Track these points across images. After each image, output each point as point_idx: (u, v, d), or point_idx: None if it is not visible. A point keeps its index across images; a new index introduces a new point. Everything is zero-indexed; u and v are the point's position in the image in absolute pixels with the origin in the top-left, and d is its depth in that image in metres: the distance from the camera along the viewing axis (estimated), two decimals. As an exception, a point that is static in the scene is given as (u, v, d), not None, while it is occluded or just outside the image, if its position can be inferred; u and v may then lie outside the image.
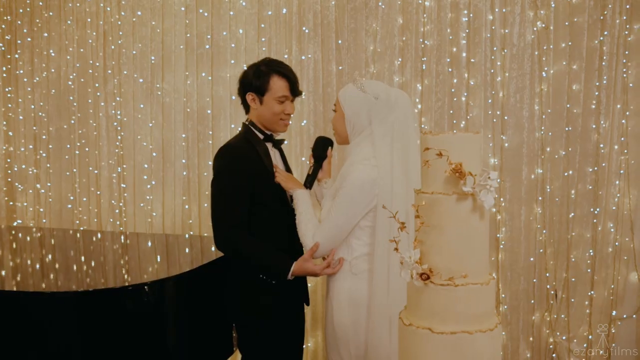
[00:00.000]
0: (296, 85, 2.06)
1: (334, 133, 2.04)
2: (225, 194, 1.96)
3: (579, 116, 3.32)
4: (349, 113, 1.92)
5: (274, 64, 2.07)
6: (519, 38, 3.34)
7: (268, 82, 2.02)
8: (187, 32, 3.65)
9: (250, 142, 2.04)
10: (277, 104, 2.02)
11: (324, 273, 1.95)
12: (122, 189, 3.86)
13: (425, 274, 1.32)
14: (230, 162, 1.97)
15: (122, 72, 3.80)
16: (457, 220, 1.33)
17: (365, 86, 1.92)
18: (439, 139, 1.35)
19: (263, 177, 2.01)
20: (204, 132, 3.67)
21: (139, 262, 2.77)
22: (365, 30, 3.43)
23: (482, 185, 1.29)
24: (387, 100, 1.89)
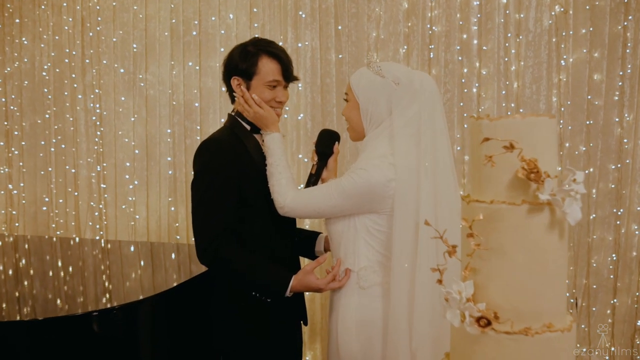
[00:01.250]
0: (290, 68, 1.77)
1: (348, 127, 1.75)
2: (209, 196, 1.66)
3: (601, 109, 3.13)
4: (364, 102, 1.64)
5: (264, 43, 1.78)
6: (536, 23, 3.12)
7: (256, 64, 1.72)
8: (172, 18, 3.43)
9: (236, 135, 1.76)
10: (267, 90, 1.74)
11: (329, 288, 1.65)
12: (102, 190, 3.64)
13: (484, 318, 0.95)
14: (214, 159, 1.68)
15: (102, 61, 3.58)
16: (528, 240, 0.96)
17: (384, 69, 1.62)
18: (503, 125, 0.98)
19: (253, 176, 1.72)
20: (192, 127, 3.45)
21: (118, 275, 2.47)
22: (368, 16, 3.21)
23: (566, 192, 0.93)
24: (409, 85, 1.61)
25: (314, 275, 1.66)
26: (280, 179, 1.67)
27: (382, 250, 1.63)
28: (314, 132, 3.27)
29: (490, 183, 1.00)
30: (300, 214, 1.68)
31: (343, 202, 1.60)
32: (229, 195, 1.66)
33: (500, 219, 0.97)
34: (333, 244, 1.72)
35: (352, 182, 1.58)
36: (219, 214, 1.64)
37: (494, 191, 1.00)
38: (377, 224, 1.62)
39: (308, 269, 1.66)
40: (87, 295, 2.16)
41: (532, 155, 0.95)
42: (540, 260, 0.97)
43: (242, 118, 1.79)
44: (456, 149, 3.18)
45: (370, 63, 1.66)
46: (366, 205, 1.60)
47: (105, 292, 2.18)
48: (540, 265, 0.97)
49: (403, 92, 1.61)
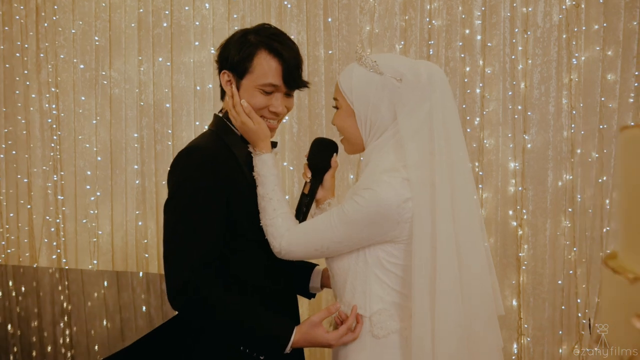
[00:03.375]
0: (295, 71, 1.41)
1: (342, 138, 1.44)
2: (187, 222, 1.31)
3: (615, 112, 2.98)
4: (360, 107, 1.34)
5: (269, 33, 1.42)
6: (545, 18, 2.95)
7: (251, 60, 1.38)
8: (140, 7, 3.18)
9: (224, 142, 1.43)
10: (259, 95, 1.39)
11: (342, 343, 1.31)
12: (60, 202, 3.34)
13: None
14: (195, 174, 1.33)
15: (59, 56, 3.30)
16: None
17: (380, 63, 1.32)
18: None
19: (245, 197, 1.39)
20: (162, 131, 3.19)
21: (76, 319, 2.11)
22: (360, 7, 2.99)
23: None
24: (416, 80, 1.31)
25: (322, 327, 1.34)
26: (275, 217, 1.36)
27: (400, 289, 1.33)
28: (301, 137, 2.99)
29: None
30: (300, 254, 1.37)
31: (350, 234, 1.29)
32: (214, 221, 1.32)
33: None
34: (337, 283, 1.41)
35: (357, 208, 1.28)
36: (200, 245, 1.30)
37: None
38: (392, 256, 1.32)
39: (315, 320, 1.34)
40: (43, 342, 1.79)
41: None
42: None
43: (231, 120, 1.46)
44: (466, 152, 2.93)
45: (362, 57, 1.33)
46: (378, 234, 1.30)
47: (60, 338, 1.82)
48: None
49: (408, 90, 1.30)
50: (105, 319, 2.06)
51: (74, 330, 1.95)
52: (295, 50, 1.43)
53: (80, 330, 1.99)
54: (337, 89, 1.37)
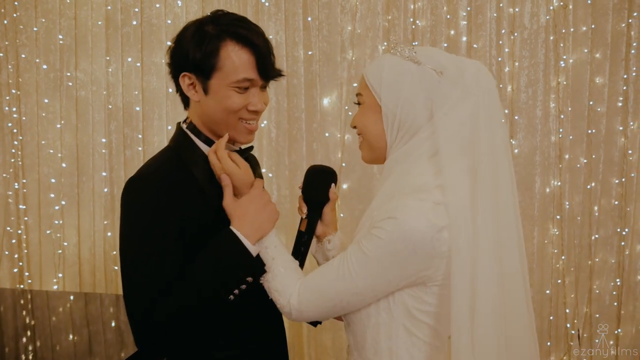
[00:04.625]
0: (268, 59, 1.23)
1: (361, 143, 1.23)
2: (144, 254, 1.15)
3: (603, 116, 2.99)
4: (390, 103, 1.13)
5: (229, 20, 1.23)
6: (532, 19, 2.93)
7: (217, 54, 1.19)
8: (107, 4, 3.02)
9: (182, 162, 1.25)
10: (234, 94, 1.21)
11: None
12: (22, 212, 3.15)
13: None
14: (147, 208, 1.17)
15: (20, 55, 3.11)
16: None
17: (419, 54, 1.13)
18: None
19: (207, 224, 1.22)
20: (132, 136, 3.04)
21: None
22: (342, 6, 2.89)
23: None
24: (459, 76, 1.12)
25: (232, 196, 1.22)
26: (275, 266, 1.16)
27: (433, 341, 1.13)
28: (279, 142, 2.87)
29: None
30: (314, 315, 1.15)
31: (373, 281, 1.08)
32: (170, 257, 1.15)
33: None
34: (354, 336, 1.20)
35: (379, 244, 1.05)
36: (158, 279, 1.13)
37: None
38: (423, 303, 1.11)
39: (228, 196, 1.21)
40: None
41: None
42: None
43: (196, 133, 1.28)
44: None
45: (397, 45, 1.14)
46: (408, 276, 1.08)
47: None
48: None
49: (450, 86, 1.10)
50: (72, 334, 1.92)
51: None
52: (263, 33, 1.25)
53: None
54: (363, 81, 1.18)
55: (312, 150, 2.86)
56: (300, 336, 2.92)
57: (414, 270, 1.06)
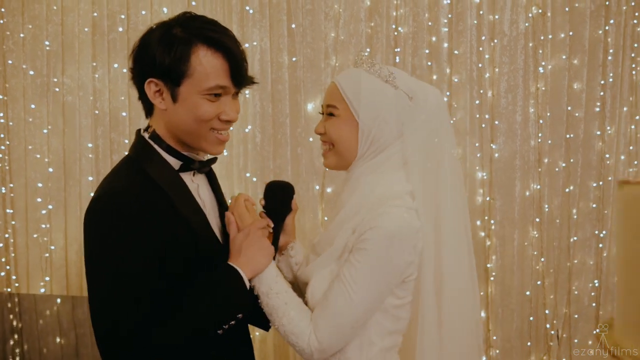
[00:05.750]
0: (241, 65, 1.17)
1: (327, 150, 1.29)
2: (119, 280, 1.08)
3: (581, 121, 2.99)
4: (368, 119, 1.20)
5: (199, 23, 1.16)
6: (511, 26, 2.91)
7: (188, 60, 1.12)
8: (94, 11, 2.99)
9: (144, 173, 1.16)
10: (206, 103, 1.15)
11: None
12: (9, 216, 3.10)
13: None
14: (113, 230, 1.09)
15: (7, 61, 3.06)
16: None
17: (398, 77, 1.22)
18: None
19: (182, 245, 1.16)
20: (119, 141, 3.01)
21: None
22: (325, 13, 2.89)
23: None
24: (424, 101, 1.23)
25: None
26: (287, 311, 1.16)
27: (399, 327, 1.23)
28: (264, 147, 2.89)
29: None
30: (339, 345, 1.18)
31: (377, 289, 1.15)
32: (141, 276, 1.09)
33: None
34: None
35: (370, 255, 1.12)
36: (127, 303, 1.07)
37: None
38: (397, 298, 1.20)
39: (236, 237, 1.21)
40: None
41: None
42: None
43: (160, 143, 1.20)
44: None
45: (374, 65, 1.21)
46: (400, 271, 1.17)
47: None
48: None
49: (418, 110, 1.22)
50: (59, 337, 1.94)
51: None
52: (235, 37, 1.19)
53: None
54: (337, 95, 1.23)
55: (297, 154, 2.88)
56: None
57: (402, 269, 1.16)
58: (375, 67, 1.21)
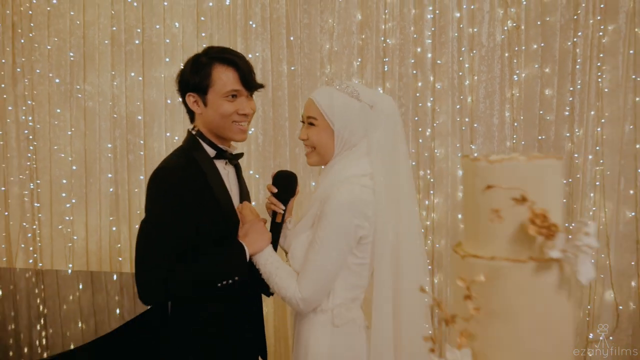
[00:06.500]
0: (249, 75, 1.59)
1: (309, 152, 1.62)
2: (158, 233, 1.49)
3: (552, 124, 3.18)
4: (340, 125, 1.54)
5: (216, 50, 1.62)
6: (489, 38, 3.14)
7: (210, 75, 1.56)
8: (113, 25, 3.29)
9: (193, 159, 1.59)
10: (226, 103, 1.57)
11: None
12: (36, 209, 3.42)
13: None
14: (167, 194, 1.50)
15: (35, 70, 3.38)
16: (534, 301, 0.84)
17: (361, 93, 1.56)
18: (505, 169, 0.84)
19: (210, 213, 1.56)
20: (135, 142, 3.30)
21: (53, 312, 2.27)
22: (320, 27, 3.17)
23: (578, 247, 0.82)
24: (382, 108, 1.57)
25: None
26: (277, 276, 1.52)
27: (361, 283, 1.56)
28: (266, 147, 3.18)
29: (491, 236, 0.86)
30: (320, 297, 1.51)
31: (341, 248, 1.48)
32: (181, 238, 1.50)
33: (503, 277, 0.84)
34: None
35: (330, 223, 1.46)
36: (164, 250, 1.48)
37: (494, 245, 0.86)
38: (357, 257, 1.53)
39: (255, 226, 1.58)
40: (18, 340, 1.96)
41: (540, 204, 0.82)
42: (548, 324, 0.85)
43: (203, 139, 1.62)
44: (411, 164, 3.15)
45: (341, 84, 1.57)
46: (354, 230, 1.50)
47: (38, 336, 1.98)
48: (547, 329, 0.85)
49: (377, 116, 1.56)
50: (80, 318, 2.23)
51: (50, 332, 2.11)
52: (244, 57, 1.62)
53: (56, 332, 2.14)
54: (315, 109, 1.56)
55: (295, 154, 3.18)
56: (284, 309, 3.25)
57: (355, 233, 1.48)
58: (343, 85, 1.56)
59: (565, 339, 0.88)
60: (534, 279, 0.82)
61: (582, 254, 0.80)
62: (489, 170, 0.85)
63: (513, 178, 0.83)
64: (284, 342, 3.18)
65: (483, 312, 0.83)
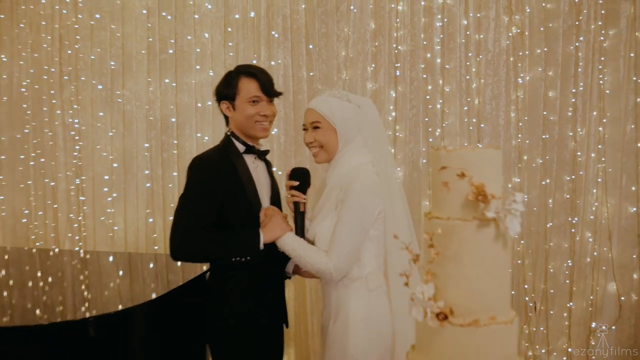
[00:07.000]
0: (268, 84, 1.96)
1: (317, 152, 1.91)
2: (188, 207, 1.86)
3: (556, 124, 3.34)
4: (340, 125, 1.86)
5: (243, 66, 2.03)
6: (494, 44, 3.34)
7: (237, 86, 1.95)
8: (149, 36, 3.59)
9: (226, 154, 1.95)
10: (249, 106, 1.93)
11: None
12: (81, 202, 3.76)
13: (442, 313, 1.16)
14: (199, 176, 1.89)
15: (80, 78, 3.71)
16: (478, 249, 1.18)
17: (350, 96, 1.90)
18: (457, 156, 1.20)
19: (238, 199, 1.90)
20: (168, 142, 3.59)
21: (101, 285, 2.60)
22: (337, 35, 3.41)
23: (507, 210, 1.14)
24: (365, 107, 1.91)
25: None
26: (306, 254, 1.81)
27: (381, 252, 1.85)
28: (287, 146, 3.45)
29: (447, 203, 1.21)
30: (349, 266, 1.79)
31: (363, 224, 1.77)
32: (207, 211, 1.85)
33: (455, 232, 1.18)
34: None
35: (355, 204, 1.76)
36: (194, 219, 1.83)
37: (450, 209, 1.21)
38: (375, 230, 1.82)
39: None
40: (66, 304, 2.29)
41: (482, 179, 1.17)
42: (488, 266, 1.19)
43: (236, 138, 1.98)
44: (422, 162, 3.39)
45: (334, 92, 1.90)
46: (375, 206, 1.78)
47: (85, 301, 2.31)
48: (487, 270, 1.19)
49: (364, 114, 1.89)
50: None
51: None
52: (265, 70, 1.99)
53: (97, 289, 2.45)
54: (318, 115, 1.87)
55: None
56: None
57: (375, 211, 1.78)
58: (335, 92, 1.89)
59: (503, 280, 1.22)
60: (477, 233, 1.17)
61: (510, 215, 1.13)
62: (445, 157, 1.21)
63: (461, 162, 1.18)
64: (302, 311, 3.45)
65: (441, 257, 1.18)
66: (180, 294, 2.24)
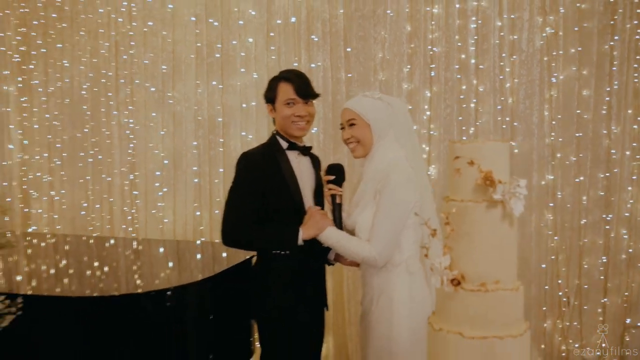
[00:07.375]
0: (303, 87, 2.12)
1: (354, 147, 2.07)
2: (234, 198, 2.07)
3: (590, 122, 3.40)
4: (374, 122, 2.02)
5: (283, 72, 2.20)
6: (528, 44, 3.41)
7: (276, 90, 2.14)
8: (197, 42, 3.80)
9: (270, 150, 2.14)
10: (286, 108, 2.10)
11: None
12: (134, 196, 4.01)
13: (456, 279, 1.37)
14: (245, 169, 2.08)
15: (134, 81, 3.96)
16: (487, 227, 1.37)
17: (382, 96, 2.07)
18: (469, 147, 1.39)
19: (281, 192, 2.08)
20: (215, 140, 3.80)
21: (153, 268, 2.85)
22: (374, 38, 3.55)
23: (512, 193, 1.32)
24: (395, 105, 2.06)
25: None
26: (350, 245, 1.97)
27: (418, 238, 2.00)
28: (326, 144, 3.62)
29: (460, 188, 1.42)
30: (391, 253, 1.95)
31: (402, 212, 1.93)
32: (252, 202, 2.05)
33: (468, 212, 1.39)
34: None
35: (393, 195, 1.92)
36: (240, 210, 2.04)
37: (463, 193, 1.42)
38: (411, 218, 1.97)
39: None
40: (120, 285, 2.52)
41: (490, 167, 1.37)
42: (496, 241, 1.40)
43: (280, 136, 2.16)
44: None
45: (366, 93, 2.09)
46: (413, 197, 1.94)
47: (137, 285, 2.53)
48: (496, 245, 1.40)
49: (395, 113, 2.06)
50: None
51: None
52: (301, 73, 2.16)
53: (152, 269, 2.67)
54: (353, 113, 2.04)
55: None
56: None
57: (413, 201, 1.94)
58: (367, 93, 2.07)
59: (509, 253, 1.42)
60: (486, 213, 1.38)
61: (515, 197, 1.31)
62: (459, 148, 1.42)
63: (472, 152, 1.39)
64: (339, 299, 3.60)
65: (455, 233, 1.40)
66: (226, 278, 2.45)
